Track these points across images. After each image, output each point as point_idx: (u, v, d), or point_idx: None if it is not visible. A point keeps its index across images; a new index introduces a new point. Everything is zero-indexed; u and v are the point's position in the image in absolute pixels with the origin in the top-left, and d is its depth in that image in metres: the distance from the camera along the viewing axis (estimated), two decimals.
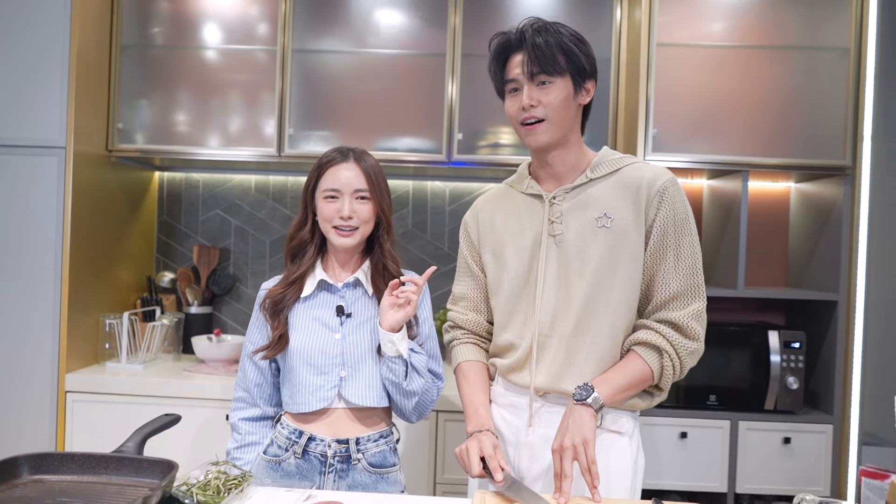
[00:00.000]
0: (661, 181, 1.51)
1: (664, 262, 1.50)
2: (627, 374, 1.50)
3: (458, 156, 2.67)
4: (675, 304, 1.50)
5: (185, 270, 3.02)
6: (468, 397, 1.63)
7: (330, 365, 1.63)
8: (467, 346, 1.71)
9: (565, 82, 1.51)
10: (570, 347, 1.53)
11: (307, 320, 1.66)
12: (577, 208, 1.55)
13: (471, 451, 1.47)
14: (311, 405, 1.63)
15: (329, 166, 1.66)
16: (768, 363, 2.46)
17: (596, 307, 1.51)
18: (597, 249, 1.51)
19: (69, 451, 1.28)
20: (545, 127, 1.52)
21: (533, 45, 1.49)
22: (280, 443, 1.65)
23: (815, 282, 2.67)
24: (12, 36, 2.48)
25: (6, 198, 2.48)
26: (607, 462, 1.50)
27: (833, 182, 2.59)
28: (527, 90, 1.51)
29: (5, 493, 1.17)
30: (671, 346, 1.48)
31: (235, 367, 2.74)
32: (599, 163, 1.57)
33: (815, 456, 2.45)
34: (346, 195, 1.63)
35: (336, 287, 1.67)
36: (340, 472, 1.61)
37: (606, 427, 1.53)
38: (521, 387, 1.58)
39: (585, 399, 1.44)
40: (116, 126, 2.71)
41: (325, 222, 1.65)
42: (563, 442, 1.41)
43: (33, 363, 2.47)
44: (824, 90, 2.51)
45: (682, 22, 2.52)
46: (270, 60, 2.71)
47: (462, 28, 2.67)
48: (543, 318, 1.55)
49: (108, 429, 2.49)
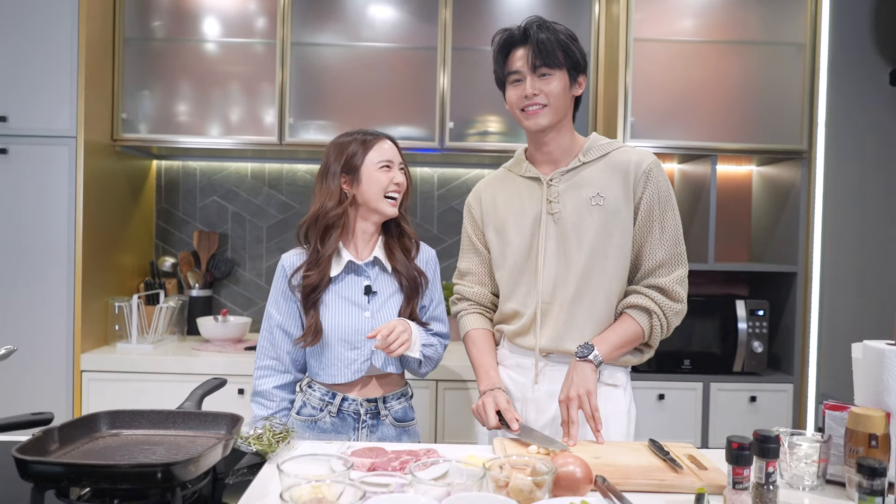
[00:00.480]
0: (647, 163, 1.71)
1: (650, 234, 1.70)
2: (622, 333, 1.70)
3: (450, 143, 2.86)
4: (661, 271, 1.70)
5: (186, 255, 3.15)
6: (478, 361, 1.81)
7: (362, 340, 1.79)
8: (474, 315, 1.89)
9: (563, 75, 1.70)
10: (570, 312, 1.72)
11: (338, 300, 1.80)
12: (572, 189, 1.74)
13: (487, 406, 1.66)
14: (346, 377, 1.79)
15: (375, 142, 1.80)
16: (736, 330, 2.72)
17: (592, 275, 1.70)
18: (592, 225, 1.70)
19: (140, 409, 1.43)
20: (545, 111, 1.70)
21: (537, 41, 1.67)
22: (314, 404, 1.81)
23: (776, 255, 2.94)
24: (23, 30, 2.57)
25: (20, 186, 2.58)
26: (605, 411, 1.70)
27: (791, 165, 2.86)
28: (529, 81, 1.69)
29: (92, 444, 1.32)
30: (659, 308, 1.69)
31: (240, 345, 2.89)
32: (590, 147, 1.76)
33: (777, 412, 2.73)
34: (396, 165, 1.80)
35: (362, 268, 1.82)
36: (371, 427, 1.79)
37: (604, 381, 1.73)
38: (527, 349, 1.77)
39: (587, 356, 1.64)
40: (121, 116, 2.82)
41: (378, 191, 1.77)
42: (568, 393, 1.61)
43: (50, 345, 2.58)
44: (783, 81, 2.77)
45: (655, 19, 2.74)
46: (269, 53, 2.85)
47: (452, 23, 2.85)
48: (545, 288, 1.74)
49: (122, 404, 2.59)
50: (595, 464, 1.38)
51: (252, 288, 3.25)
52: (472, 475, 1.22)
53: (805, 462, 1.35)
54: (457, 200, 3.23)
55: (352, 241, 1.84)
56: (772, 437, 1.22)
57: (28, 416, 1.38)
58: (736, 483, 1.18)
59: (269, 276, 3.25)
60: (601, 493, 1.25)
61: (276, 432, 1.54)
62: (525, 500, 1.17)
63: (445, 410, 2.64)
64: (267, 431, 1.52)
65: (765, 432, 1.24)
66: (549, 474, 1.20)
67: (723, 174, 3.13)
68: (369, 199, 1.78)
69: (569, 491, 1.23)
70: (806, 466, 1.35)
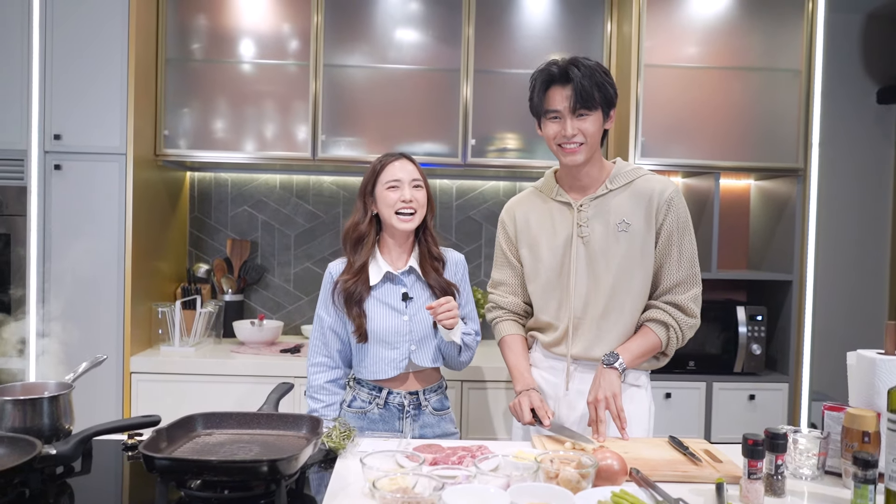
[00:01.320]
0: (668, 192, 1.90)
1: (669, 256, 1.91)
2: (643, 343, 1.90)
3: (472, 159, 3.06)
4: (678, 289, 1.91)
5: (220, 262, 3.33)
6: (513, 363, 2.01)
7: (401, 342, 2.00)
8: (509, 322, 2.09)
9: (598, 114, 1.86)
10: (599, 327, 1.92)
11: (378, 306, 2.01)
12: (600, 214, 1.92)
13: (523, 403, 1.87)
14: (386, 374, 2.00)
15: (388, 163, 2.01)
16: (736, 333, 2.95)
17: (619, 294, 1.90)
18: (619, 250, 1.90)
19: (228, 411, 1.62)
20: (582, 149, 1.87)
21: (581, 86, 1.81)
22: (363, 398, 2.03)
23: (773, 264, 3.17)
24: (77, 55, 2.75)
25: (73, 199, 2.76)
26: (630, 409, 1.91)
27: (787, 181, 3.09)
28: (570, 122, 1.85)
29: (193, 443, 1.51)
30: (675, 322, 1.90)
31: (274, 347, 3.08)
32: (617, 174, 1.95)
33: (774, 409, 2.96)
34: (406, 183, 1.98)
35: (399, 277, 2.02)
36: (414, 416, 2.02)
37: (630, 382, 1.95)
38: (559, 355, 1.98)
39: (613, 364, 1.85)
40: (163, 133, 3.00)
41: (389, 209, 1.96)
42: (596, 395, 1.82)
43: (102, 349, 2.75)
44: (780, 104, 3.00)
45: (664, 46, 2.96)
46: (302, 73, 3.03)
47: (474, 45, 3.05)
48: (577, 304, 1.93)
49: (168, 404, 2.80)
50: (626, 458, 1.59)
51: (281, 293, 3.45)
52: (526, 468, 1.43)
53: (805, 455, 1.57)
54: (474, 210, 3.44)
55: (387, 252, 2.04)
56: (781, 434, 1.44)
57: (139, 418, 1.57)
58: (751, 474, 1.39)
59: (297, 281, 3.44)
60: (637, 483, 1.47)
61: (342, 431, 1.74)
62: (572, 489, 1.38)
63: (469, 407, 2.85)
64: (335, 430, 1.72)
65: (774, 430, 1.45)
66: (593, 467, 1.42)
67: (724, 188, 3.36)
68: (384, 216, 1.99)
69: (608, 481, 1.44)
70: (806, 459, 1.56)
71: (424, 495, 1.29)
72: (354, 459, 1.58)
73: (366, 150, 3.07)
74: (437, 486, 1.32)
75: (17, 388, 1.64)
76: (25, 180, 2.76)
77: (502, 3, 3.08)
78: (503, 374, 2.84)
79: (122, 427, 1.56)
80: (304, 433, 1.59)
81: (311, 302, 3.45)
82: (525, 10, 3.08)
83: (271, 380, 2.81)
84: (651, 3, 2.94)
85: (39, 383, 1.67)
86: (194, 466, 1.33)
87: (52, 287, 2.77)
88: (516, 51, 3.08)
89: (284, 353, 2.99)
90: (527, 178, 3.36)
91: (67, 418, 1.61)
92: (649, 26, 2.94)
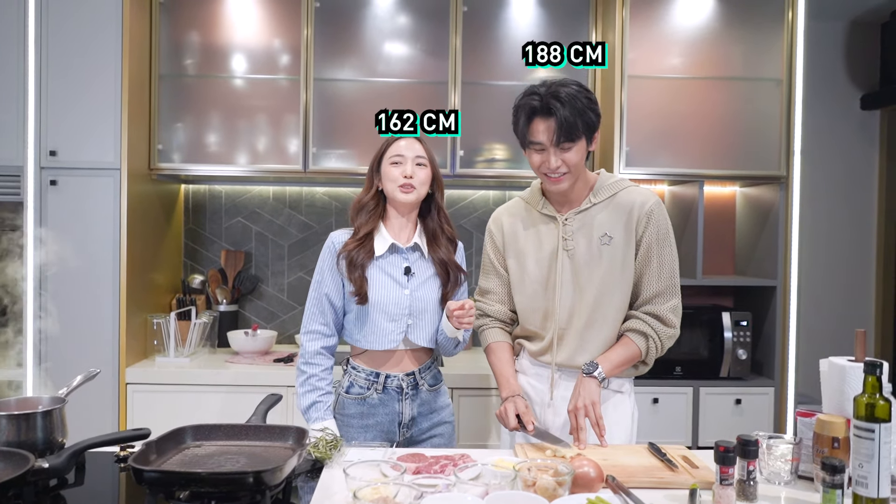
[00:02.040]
0: (649, 204, 1.93)
1: (649, 267, 1.95)
2: (623, 353, 1.95)
3: (461, 169, 3.11)
4: (658, 300, 1.95)
5: (215, 273, 3.38)
6: (499, 370, 2.05)
7: (400, 314, 2.04)
8: (495, 329, 2.13)
9: (582, 142, 1.88)
10: (583, 337, 1.97)
11: (381, 275, 2.05)
12: (584, 228, 1.97)
13: (508, 410, 1.91)
14: (382, 345, 2.04)
15: (392, 141, 2.07)
16: (722, 339, 3.00)
17: (602, 307, 1.94)
18: (601, 263, 1.94)
19: (216, 423, 1.67)
20: (567, 178, 1.91)
21: (563, 120, 1.82)
22: (360, 383, 2.07)
23: (758, 270, 3.22)
24: (71, 70, 2.81)
25: (69, 214, 2.81)
26: (612, 415, 1.97)
27: (771, 188, 3.14)
28: (553, 154, 1.86)
29: (182, 455, 1.56)
30: (655, 332, 1.94)
31: (268, 357, 3.13)
32: (600, 187, 1.98)
33: (760, 413, 3.01)
34: (409, 160, 2.03)
35: (403, 249, 2.07)
36: (412, 396, 2.06)
37: (612, 389, 2.00)
38: (545, 363, 2.03)
39: (592, 373, 1.89)
40: (157, 147, 3.05)
41: (391, 182, 2.01)
42: (576, 403, 1.86)
43: (98, 360, 2.80)
44: (762, 113, 3.05)
45: (647, 57, 3.02)
46: (293, 87, 3.09)
47: (462, 58, 3.10)
48: (562, 315, 1.98)
49: (163, 414, 2.84)
50: (603, 465, 1.63)
51: (275, 302, 3.50)
52: (504, 476, 1.48)
53: (781, 461, 1.61)
54: (464, 219, 3.49)
55: (391, 226, 2.09)
56: (752, 441, 1.49)
57: (130, 431, 1.62)
58: (723, 480, 1.43)
59: (291, 291, 3.49)
60: (612, 490, 1.51)
61: (328, 441, 1.79)
62: (549, 496, 1.42)
63: (460, 413, 2.89)
64: (321, 441, 1.77)
65: (746, 437, 1.50)
66: (569, 475, 1.46)
67: (709, 194, 3.41)
68: (387, 190, 2.04)
69: (585, 488, 1.49)
70: (782, 464, 1.60)
71: None
72: (339, 469, 1.62)
73: (356, 161, 3.12)
74: (417, 496, 1.37)
75: (12, 402, 1.69)
76: (22, 196, 2.82)
77: (488, 15, 3.13)
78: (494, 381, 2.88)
79: (113, 440, 1.60)
80: (290, 444, 1.64)
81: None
82: (511, 22, 3.14)
83: (265, 389, 2.83)
84: (634, 14, 3.00)
85: (33, 398, 1.72)
86: (181, 478, 1.38)
87: (49, 300, 2.82)
88: (503, 62, 3.13)
89: (278, 362, 3.04)
90: (516, 187, 3.41)
91: (61, 432, 1.65)
92: (632, 37, 3.00)
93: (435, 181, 2.10)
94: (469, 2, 3.11)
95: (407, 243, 2.08)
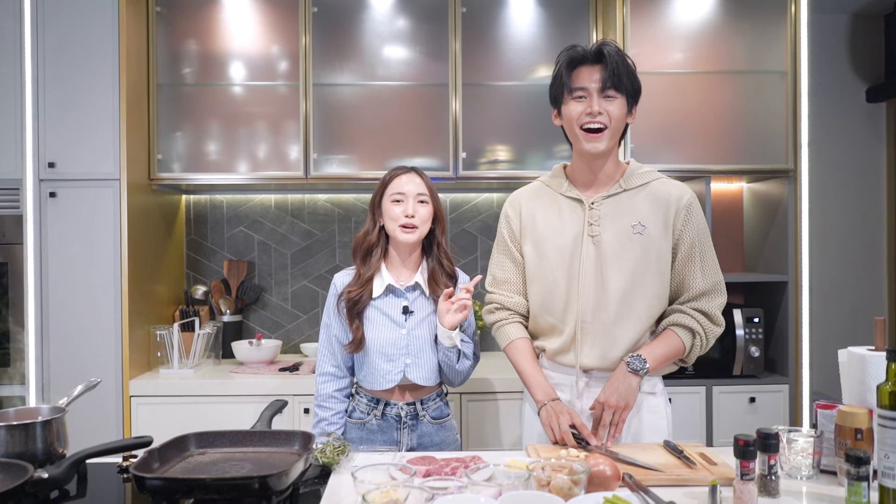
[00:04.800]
0: (686, 198, 1.84)
1: (693, 265, 1.83)
2: (667, 348, 1.82)
3: (463, 172, 3.08)
4: (706, 297, 1.83)
5: (218, 283, 3.35)
6: (528, 370, 1.89)
7: (398, 354, 2.00)
8: (516, 325, 1.96)
9: (623, 101, 1.80)
10: (612, 333, 1.81)
11: (378, 316, 2.02)
12: (613, 214, 1.83)
13: (561, 420, 1.75)
14: (381, 385, 2.01)
15: (395, 177, 2.03)
16: (734, 336, 2.94)
17: (632, 300, 1.82)
18: (632, 252, 1.81)
19: (220, 430, 1.63)
20: (606, 134, 1.79)
21: (615, 63, 1.76)
22: (362, 409, 2.05)
23: (768, 266, 3.17)
24: (68, 82, 2.79)
25: (69, 226, 2.79)
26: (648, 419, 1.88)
27: (779, 182, 3.09)
28: (596, 99, 1.77)
29: (186, 462, 1.52)
30: (703, 329, 1.81)
31: (274, 366, 3.09)
32: (631, 174, 1.86)
33: (775, 411, 2.95)
34: (411, 198, 1.99)
35: (401, 290, 2.03)
36: (411, 427, 2.02)
37: (645, 391, 1.88)
38: (567, 366, 1.89)
39: (639, 370, 1.77)
40: (156, 157, 3.02)
41: (393, 222, 1.98)
42: (608, 399, 1.75)
43: (100, 372, 2.76)
44: (768, 106, 3.01)
45: (649, 53, 2.98)
46: (292, 94, 3.06)
47: (462, 60, 3.07)
48: (585, 307, 1.82)
49: (168, 427, 2.79)
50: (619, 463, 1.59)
51: (279, 312, 3.46)
52: (518, 476, 1.43)
53: (802, 455, 1.56)
54: (468, 223, 3.45)
55: (392, 264, 2.06)
56: (772, 434, 1.44)
57: (132, 439, 1.58)
58: (744, 475, 1.39)
59: (295, 300, 3.45)
60: (629, 489, 1.46)
61: (336, 446, 1.75)
62: (564, 496, 1.37)
63: (469, 419, 2.84)
64: (329, 446, 1.72)
65: (766, 430, 1.45)
66: (584, 473, 1.41)
67: (716, 191, 3.37)
68: (389, 229, 2.02)
69: (601, 487, 1.44)
70: (803, 459, 1.56)
71: None
72: (348, 474, 1.58)
73: (358, 167, 3.09)
74: (428, 497, 1.32)
75: (11, 413, 1.65)
76: (21, 209, 2.79)
77: (488, 17, 3.11)
78: (503, 386, 2.84)
79: (114, 449, 1.56)
80: (296, 449, 1.60)
81: (309, 320, 3.46)
82: (510, 22, 3.11)
83: (270, 399, 2.80)
84: (635, 10, 2.97)
85: (33, 408, 1.68)
86: (185, 485, 1.34)
87: (50, 313, 2.78)
88: (503, 63, 3.10)
89: (283, 371, 2.99)
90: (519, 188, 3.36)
91: (61, 442, 1.61)
92: (634, 34, 2.97)
93: (436, 217, 2.06)
94: (468, 3, 3.08)
95: (407, 282, 2.04)
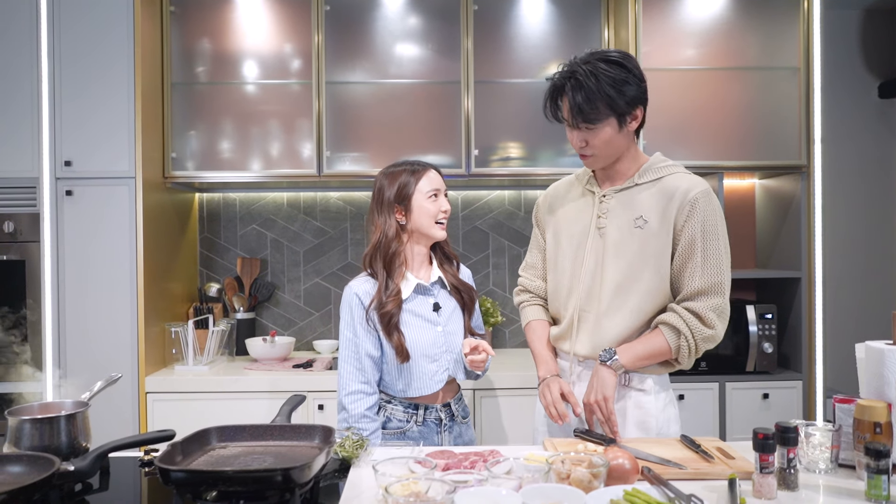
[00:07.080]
0: (695, 192, 1.76)
1: (691, 261, 1.77)
2: (648, 346, 1.80)
3: (476, 169, 3.09)
4: (700, 297, 1.76)
5: (231, 280, 3.37)
6: (537, 349, 1.98)
7: (440, 353, 1.99)
8: (535, 307, 2.05)
9: (608, 123, 1.75)
10: (602, 325, 1.86)
11: (414, 319, 1.98)
12: (620, 207, 1.84)
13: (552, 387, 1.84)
14: (430, 388, 1.97)
15: (423, 172, 1.98)
16: (747, 333, 2.94)
17: (625, 293, 1.83)
18: (631, 246, 1.82)
19: (241, 424, 1.64)
20: (595, 158, 1.82)
21: (573, 103, 1.74)
22: (399, 417, 1.99)
23: (781, 262, 3.17)
24: (84, 82, 2.81)
25: (85, 224, 2.81)
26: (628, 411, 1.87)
27: (791, 178, 3.09)
28: (576, 134, 1.80)
29: (208, 456, 1.53)
30: (689, 330, 1.76)
31: (287, 363, 3.10)
32: (647, 169, 1.84)
33: (788, 407, 2.95)
34: (442, 192, 1.99)
35: (429, 288, 2.01)
36: (449, 428, 2.02)
37: (633, 386, 1.88)
38: (565, 353, 1.95)
39: (606, 361, 1.79)
40: (171, 155, 3.04)
41: (429, 218, 1.94)
42: (587, 398, 1.80)
43: (116, 369, 2.78)
44: (780, 102, 3.01)
45: (662, 49, 2.99)
46: (305, 92, 3.08)
47: (474, 57, 3.08)
48: (582, 296, 1.88)
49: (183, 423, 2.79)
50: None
51: (292, 309, 3.48)
52: (537, 470, 1.44)
53: (819, 449, 1.56)
54: (480, 220, 3.46)
55: (411, 264, 2.01)
56: (791, 428, 1.44)
57: (155, 433, 1.60)
58: (763, 468, 1.39)
59: (308, 297, 3.47)
60: (648, 482, 1.47)
61: (355, 440, 1.76)
62: (584, 489, 1.38)
63: (483, 415, 2.85)
64: (347, 440, 1.74)
65: (785, 424, 1.45)
66: (604, 467, 1.42)
67: (728, 188, 3.36)
68: (421, 226, 1.95)
69: (620, 480, 1.45)
70: (820, 453, 1.56)
71: (437, 499, 1.30)
72: (367, 468, 1.59)
73: (370, 164, 3.10)
74: (450, 490, 1.33)
75: (35, 407, 1.67)
76: (38, 207, 2.82)
77: (499, 14, 3.11)
78: (515, 382, 2.85)
79: (137, 442, 1.58)
80: (317, 443, 1.61)
81: (322, 317, 3.48)
82: (522, 20, 3.12)
83: (285, 395, 2.80)
84: (647, 7, 2.97)
85: (56, 402, 1.69)
86: (209, 478, 1.35)
87: (67, 311, 2.81)
88: (515, 60, 3.11)
89: (297, 368, 3.01)
90: (531, 186, 3.38)
91: (84, 436, 1.63)
92: (646, 31, 2.97)
93: None
94: (480, 0, 3.09)
95: (428, 278, 2.02)
